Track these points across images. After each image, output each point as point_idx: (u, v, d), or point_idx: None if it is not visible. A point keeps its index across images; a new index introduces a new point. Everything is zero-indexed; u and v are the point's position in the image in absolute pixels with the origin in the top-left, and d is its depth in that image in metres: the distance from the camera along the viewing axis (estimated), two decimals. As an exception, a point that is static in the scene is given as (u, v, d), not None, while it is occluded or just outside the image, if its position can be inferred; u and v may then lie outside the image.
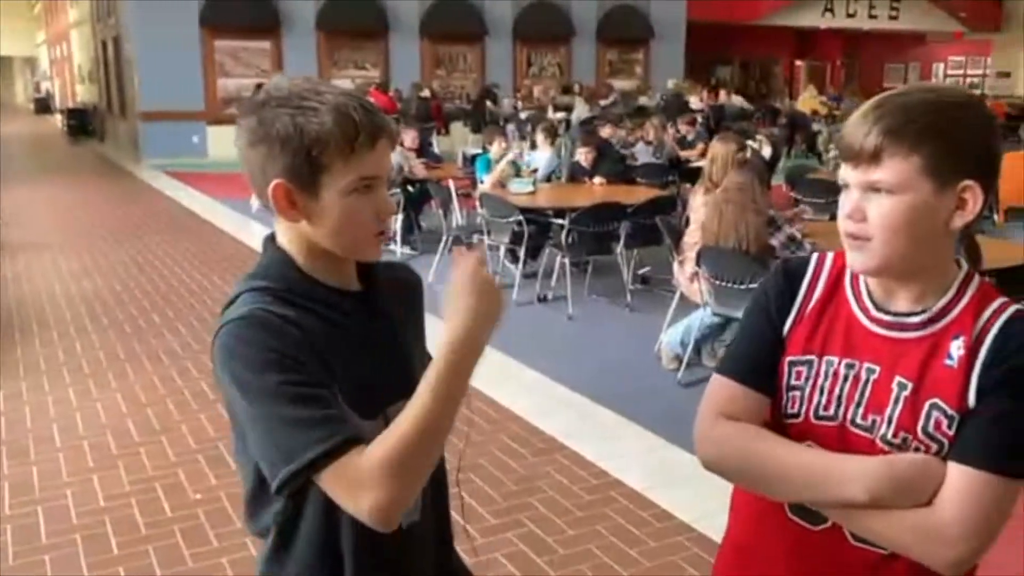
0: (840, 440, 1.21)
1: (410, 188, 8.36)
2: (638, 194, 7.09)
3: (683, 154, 10.20)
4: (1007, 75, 26.44)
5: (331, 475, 1.11)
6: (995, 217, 7.12)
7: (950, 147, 1.14)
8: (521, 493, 3.65)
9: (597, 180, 7.67)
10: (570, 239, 6.48)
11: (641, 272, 7.07)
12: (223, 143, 14.94)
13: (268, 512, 1.28)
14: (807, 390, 1.25)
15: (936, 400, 1.17)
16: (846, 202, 1.20)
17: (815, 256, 1.34)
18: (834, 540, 1.23)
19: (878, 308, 1.23)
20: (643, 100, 16.72)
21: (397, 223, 8.19)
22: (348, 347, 1.23)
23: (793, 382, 1.26)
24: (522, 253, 6.85)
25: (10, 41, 37.71)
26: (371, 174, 1.21)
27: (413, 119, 11.94)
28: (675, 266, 5.53)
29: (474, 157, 8.65)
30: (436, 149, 11.47)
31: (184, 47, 15.75)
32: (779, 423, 1.27)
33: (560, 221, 6.60)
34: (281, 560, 1.30)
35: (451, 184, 7.97)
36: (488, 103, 15.80)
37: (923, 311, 1.21)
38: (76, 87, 26.95)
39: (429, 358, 1.32)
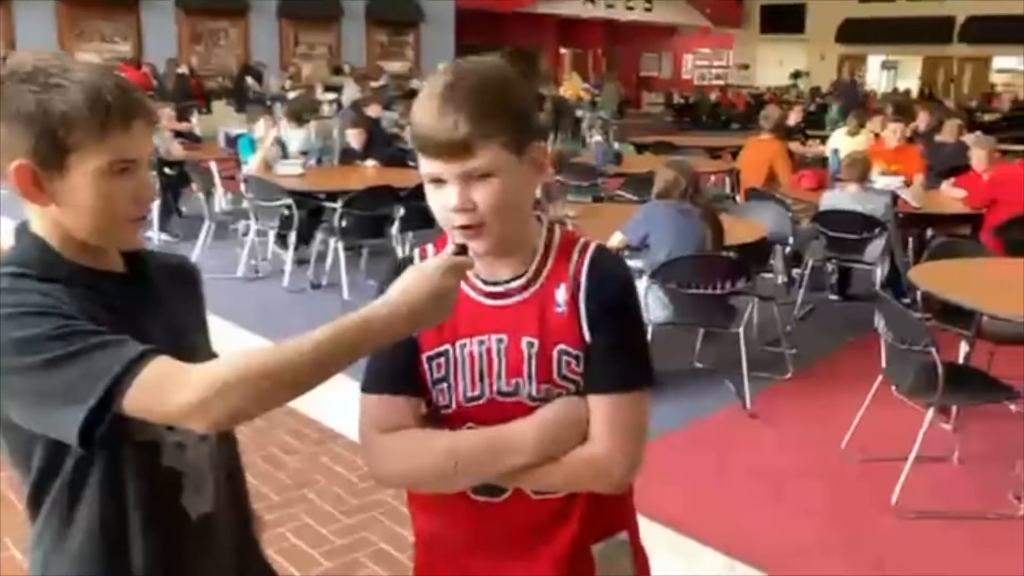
0: (495, 413, 1.28)
1: (168, 170, 7.84)
2: (412, 177, 7.06)
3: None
4: (746, 67, 29.00)
5: (138, 390, 1.02)
6: (737, 197, 7.76)
7: (517, 118, 1.22)
8: (296, 487, 3.54)
9: (370, 163, 7.56)
10: (343, 223, 6.35)
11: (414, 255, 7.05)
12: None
13: (50, 499, 1.19)
14: (451, 379, 1.30)
15: (561, 346, 1.27)
16: (448, 196, 1.20)
17: (417, 250, 1.38)
18: (519, 503, 1.30)
19: (486, 283, 1.30)
20: (414, 83, 16.71)
21: (154, 208, 7.65)
22: (117, 323, 1.12)
23: (436, 375, 1.30)
24: (292, 238, 6.63)
25: None
26: (126, 157, 1.14)
27: (170, 97, 11.20)
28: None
29: (236, 138, 8.24)
30: (196, 129, 10.85)
31: None
32: (436, 418, 1.31)
33: (333, 204, 6.45)
34: (61, 549, 1.20)
35: (213, 166, 7.56)
36: (251, 81, 15.15)
37: (524, 273, 1.30)
38: None
39: (211, 350, 1.30)
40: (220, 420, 1.04)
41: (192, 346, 1.24)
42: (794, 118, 10.90)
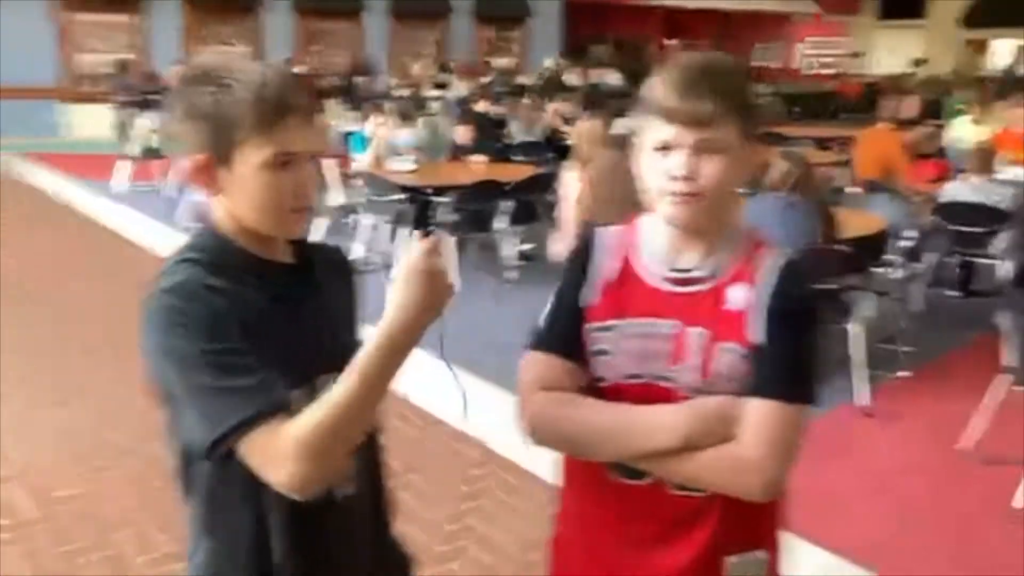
0: (649, 395, 1.30)
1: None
2: (517, 172, 7.14)
3: (563, 131, 10.29)
4: (861, 55, 27.89)
5: (251, 443, 1.15)
6: (846, 188, 7.52)
7: (752, 115, 1.29)
8: (405, 470, 3.66)
9: (477, 158, 7.68)
10: (452, 217, 6.47)
11: (523, 249, 7.14)
12: (85, 122, 14.22)
13: (197, 481, 1.29)
14: (613, 354, 1.33)
15: (729, 343, 1.27)
16: (675, 163, 1.25)
17: (605, 227, 1.42)
18: (656, 493, 1.31)
19: (669, 268, 1.33)
20: (521, 78, 16.79)
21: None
22: (279, 317, 1.25)
23: (599, 347, 1.34)
24: (406, 232, 6.79)
25: None
26: (286, 150, 1.21)
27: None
28: (552, 242, 5.62)
29: (347, 135, 8.49)
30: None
31: (36, 20, 14.77)
32: (593, 388, 1.34)
33: (441, 199, 6.58)
34: (209, 529, 1.30)
35: (329, 162, 7.82)
36: (362, 79, 15.52)
37: (708, 265, 1.31)
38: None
39: (358, 340, 1.37)
40: (311, 490, 1.16)
41: (342, 344, 1.32)
42: (907, 111, 10.08)
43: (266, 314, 1.23)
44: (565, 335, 1.35)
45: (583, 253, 1.40)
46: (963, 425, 3.82)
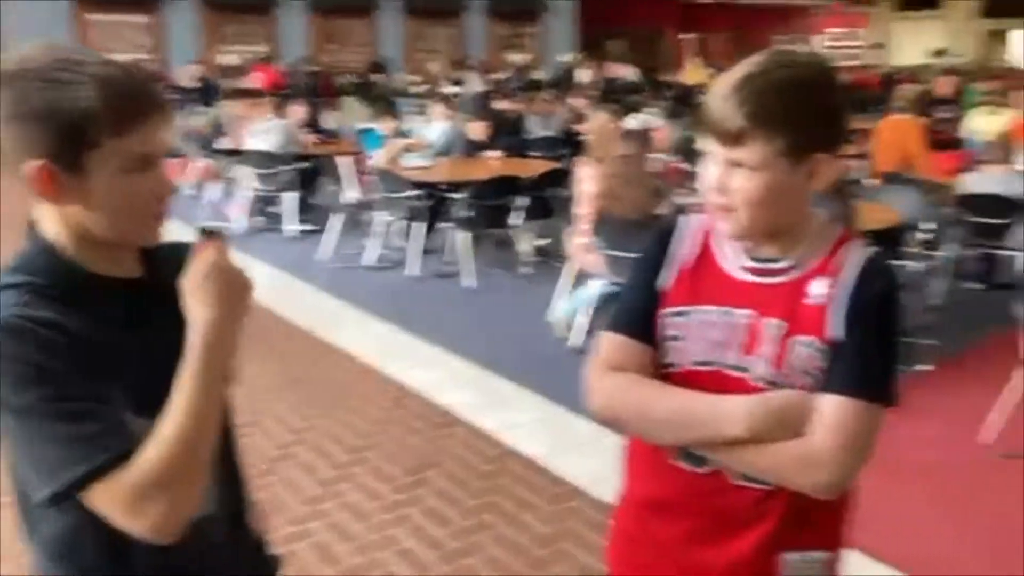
0: (719, 384, 1.28)
1: (304, 164, 8.19)
2: (533, 167, 7.13)
3: (578, 128, 10.26)
4: (880, 46, 27.62)
5: (99, 494, 1.05)
6: (863, 180, 7.44)
7: (805, 128, 1.22)
8: (421, 468, 3.66)
9: (493, 154, 7.67)
10: (468, 213, 6.47)
11: (539, 244, 7.13)
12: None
13: (41, 519, 1.17)
14: (685, 339, 1.32)
15: (805, 337, 1.25)
16: (711, 173, 1.26)
17: (689, 215, 1.41)
18: (718, 482, 1.30)
19: (747, 258, 1.31)
20: (536, 74, 16.77)
21: (290, 200, 8.01)
22: (126, 342, 1.13)
23: (672, 332, 1.33)
24: (421, 228, 6.81)
25: None
26: (146, 151, 1.11)
27: (301, 94, 11.65)
28: (567, 237, 5.60)
29: (362, 132, 8.50)
30: (333, 124, 11.25)
31: (52, 22, 14.89)
32: (662, 373, 1.33)
33: (457, 195, 6.58)
34: (64, 554, 1.20)
35: (347, 159, 7.85)
36: (378, 78, 15.56)
37: (788, 257, 1.29)
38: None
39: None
40: (172, 527, 1.07)
41: None
42: (942, 89, 9.89)
43: (109, 342, 1.10)
44: (639, 317, 1.35)
45: (666, 237, 1.39)
46: (985, 419, 3.78)
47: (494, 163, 7.46)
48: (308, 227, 7.99)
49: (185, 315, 1.15)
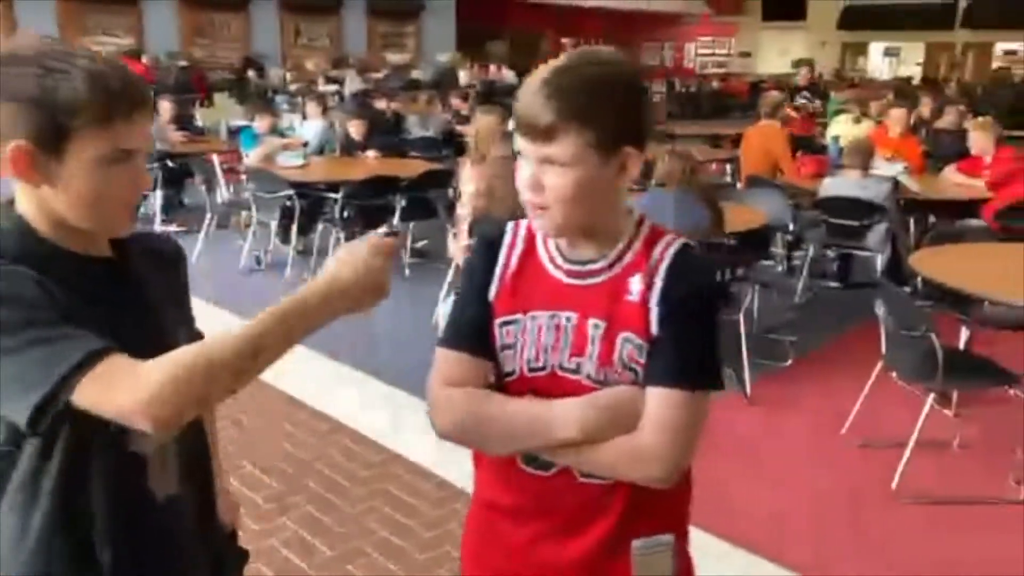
0: (556, 387, 1.31)
1: (170, 163, 7.85)
2: (413, 167, 7.07)
3: (459, 128, 10.27)
4: (748, 55, 28.85)
5: (89, 384, 1.04)
6: (738, 184, 7.76)
7: (614, 122, 1.24)
8: (299, 476, 3.56)
9: (371, 153, 7.57)
10: (344, 214, 6.36)
11: (418, 245, 7.08)
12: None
13: (12, 481, 1.17)
14: (518, 347, 1.34)
15: (626, 333, 1.28)
16: (524, 172, 1.27)
17: (511, 222, 1.42)
18: (566, 481, 1.33)
19: (567, 260, 1.34)
20: (416, 74, 16.67)
21: (157, 201, 7.68)
22: (94, 315, 1.13)
23: (505, 341, 1.34)
24: (294, 229, 6.65)
25: None
26: (126, 147, 1.15)
27: (171, 90, 11.19)
28: (450, 239, 5.58)
29: (238, 130, 8.24)
30: (199, 121, 10.85)
31: None
32: (501, 386, 1.35)
33: (333, 195, 6.45)
34: (23, 532, 1.19)
35: (215, 158, 7.57)
36: (253, 74, 15.13)
37: (604, 257, 1.32)
38: None
39: (194, 330, 1.34)
40: (167, 421, 1.05)
41: (169, 341, 1.20)
42: (803, 80, 11.38)
43: (79, 312, 1.11)
44: (472, 330, 1.35)
45: (492, 245, 1.39)
46: (845, 412, 3.98)
47: (371, 163, 7.37)
48: (177, 228, 7.68)
49: (147, 307, 1.24)
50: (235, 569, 1.54)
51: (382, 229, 1.25)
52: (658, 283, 1.28)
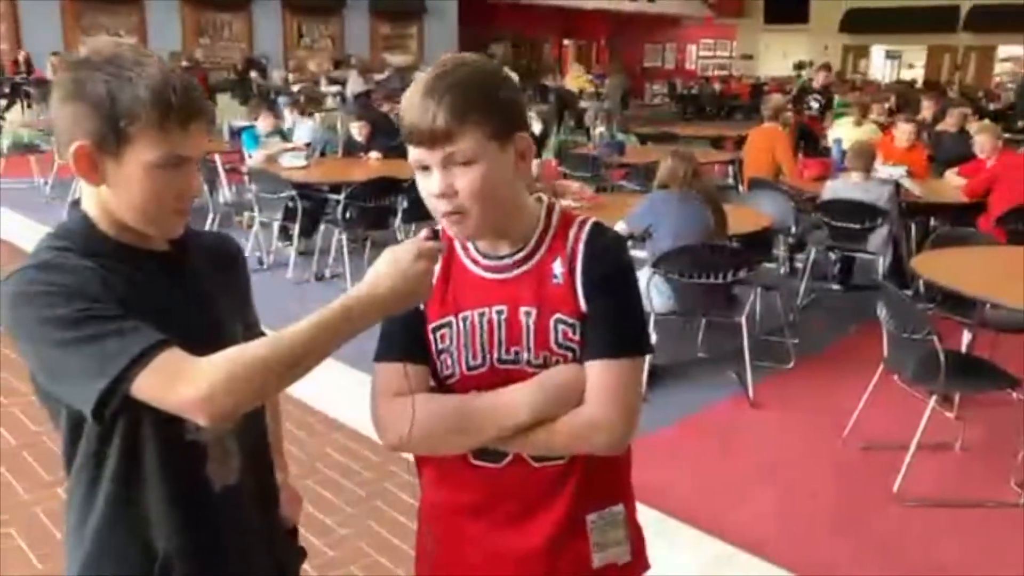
0: (496, 380, 1.34)
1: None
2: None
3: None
4: (749, 57, 28.86)
5: (147, 377, 1.08)
6: (740, 187, 7.75)
7: (503, 110, 1.27)
8: (299, 476, 3.56)
9: (373, 155, 7.57)
10: (347, 215, 6.36)
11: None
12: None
13: (75, 467, 1.25)
14: (453, 349, 1.36)
15: (558, 315, 1.33)
16: (432, 182, 1.27)
17: (425, 229, 1.41)
18: (519, 470, 1.35)
19: (488, 258, 1.37)
20: (417, 75, 16.68)
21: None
22: (152, 305, 1.19)
23: (441, 346, 1.37)
24: (296, 230, 6.65)
25: None
26: (180, 154, 1.20)
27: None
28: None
29: (240, 130, 8.24)
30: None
31: None
32: (443, 389, 1.37)
33: (336, 196, 6.46)
34: (85, 517, 1.26)
35: (217, 159, 7.57)
36: (255, 75, 15.14)
37: (522, 248, 1.36)
38: None
39: (254, 329, 1.40)
40: (223, 414, 1.10)
41: (225, 334, 1.26)
42: (817, 81, 11.01)
43: (138, 302, 1.17)
44: (407, 339, 1.37)
45: None
46: (847, 414, 3.98)
47: (374, 164, 7.37)
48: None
49: (203, 302, 1.30)
50: (294, 566, 1.55)
51: (424, 232, 1.27)
52: (580, 263, 1.33)
